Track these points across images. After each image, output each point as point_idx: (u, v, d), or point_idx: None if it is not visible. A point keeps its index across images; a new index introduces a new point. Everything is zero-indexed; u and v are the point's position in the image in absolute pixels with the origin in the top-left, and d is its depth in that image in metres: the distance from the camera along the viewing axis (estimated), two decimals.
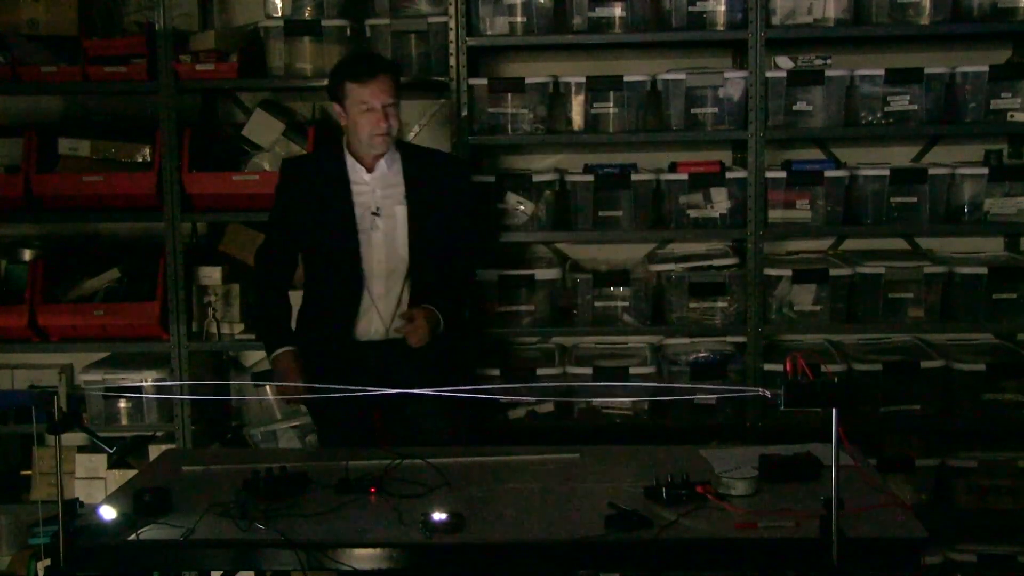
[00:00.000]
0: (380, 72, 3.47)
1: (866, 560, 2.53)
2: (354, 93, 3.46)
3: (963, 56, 4.39)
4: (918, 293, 4.28)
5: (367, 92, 3.45)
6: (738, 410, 4.31)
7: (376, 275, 3.53)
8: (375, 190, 3.54)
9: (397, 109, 3.52)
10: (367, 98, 3.45)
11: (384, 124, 3.46)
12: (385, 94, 3.46)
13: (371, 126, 3.47)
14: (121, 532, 2.63)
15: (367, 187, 3.54)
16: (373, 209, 3.53)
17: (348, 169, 3.55)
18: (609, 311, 4.37)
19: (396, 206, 3.54)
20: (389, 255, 3.54)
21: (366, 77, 3.45)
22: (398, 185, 3.56)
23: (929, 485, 4.31)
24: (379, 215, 3.53)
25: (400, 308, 3.55)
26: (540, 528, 2.65)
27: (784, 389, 2.44)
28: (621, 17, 4.24)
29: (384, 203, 3.54)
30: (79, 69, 4.32)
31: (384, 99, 3.46)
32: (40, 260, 4.48)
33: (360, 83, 3.45)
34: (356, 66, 3.53)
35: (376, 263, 3.53)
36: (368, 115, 3.46)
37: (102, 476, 4.51)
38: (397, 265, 3.54)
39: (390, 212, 3.54)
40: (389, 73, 3.51)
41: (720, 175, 4.31)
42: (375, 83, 3.45)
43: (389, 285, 3.54)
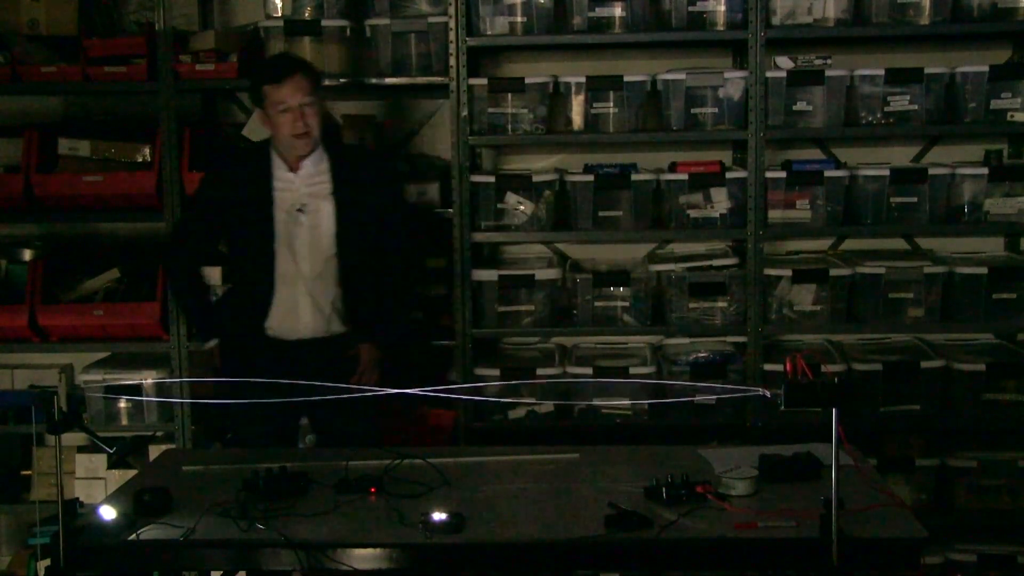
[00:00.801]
0: (295, 72, 3.50)
1: (866, 560, 2.53)
2: (271, 95, 3.49)
3: (963, 56, 4.40)
4: (918, 293, 4.28)
5: (282, 92, 3.47)
6: (738, 410, 4.32)
7: (304, 273, 3.56)
8: (299, 188, 3.56)
9: (316, 108, 3.52)
10: (283, 98, 3.47)
11: (301, 123, 3.48)
12: (301, 93, 3.48)
13: (289, 126, 3.48)
14: (121, 532, 2.63)
15: (291, 185, 3.56)
16: (298, 205, 3.54)
17: (272, 167, 3.57)
18: (609, 311, 4.37)
19: (322, 202, 3.56)
20: (316, 252, 3.56)
21: (281, 77, 3.48)
22: (324, 183, 3.58)
23: (929, 485, 4.31)
24: (304, 212, 3.55)
25: (334, 307, 3.58)
26: (540, 528, 2.65)
27: (784, 389, 2.44)
28: (621, 17, 4.23)
29: (310, 200, 3.56)
30: (79, 69, 4.32)
31: (300, 98, 3.47)
32: (40, 260, 4.47)
33: (275, 84, 3.48)
34: (270, 68, 3.59)
35: (302, 260, 3.55)
36: (285, 115, 3.48)
37: (102, 476, 4.51)
38: (326, 262, 3.57)
39: (315, 208, 3.56)
40: (304, 72, 3.52)
41: (720, 175, 4.31)
42: (290, 83, 3.47)
43: (319, 283, 3.57)
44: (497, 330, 4.41)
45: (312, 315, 3.59)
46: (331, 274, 3.58)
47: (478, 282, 4.34)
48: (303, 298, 3.57)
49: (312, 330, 3.59)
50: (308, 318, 3.58)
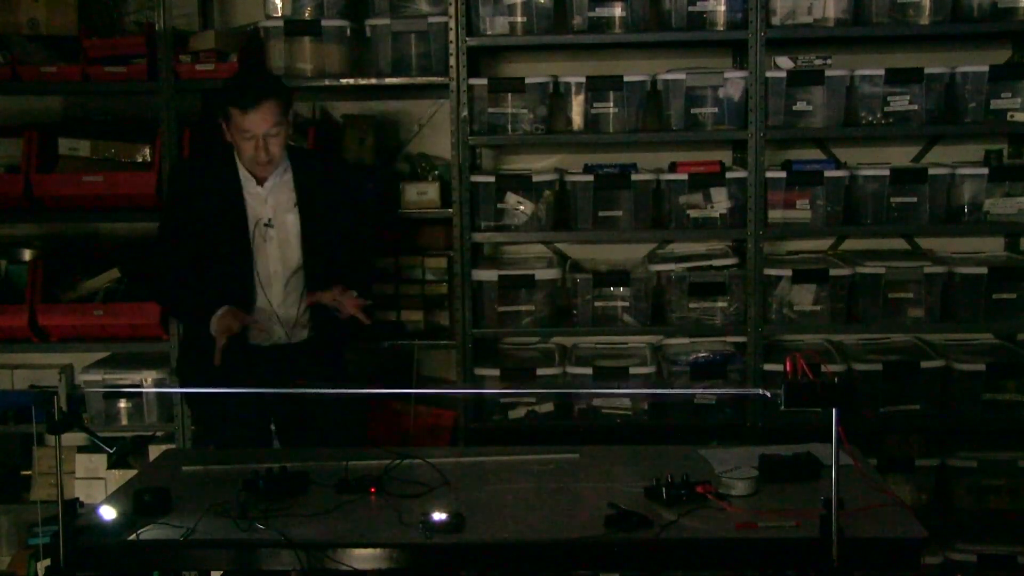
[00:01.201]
0: (263, 100, 3.39)
1: (866, 560, 2.53)
2: (235, 119, 3.40)
3: (963, 56, 4.39)
4: (918, 293, 4.28)
5: (247, 121, 3.38)
6: (738, 410, 4.32)
7: (273, 283, 3.53)
8: (267, 200, 3.52)
9: (281, 136, 3.44)
10: (248, 127, 3.39)
11: (264, 154, 3.41)
12: (267, 123, 3.39)
13: (251, 152, 3.43)
14: (121, 532, 2.63)
15: (259, 198, 3.52)
16: (265, 220, 3.51)
17: (241, 179, 3.52)
18: (609, 311, 4.37)
19: (287, 215, 3.53)
20: (285, 263, 3.54)
21: (247, 106, 3.38)
22: (289, 194, 3.54)
23: (929, 485, 4.31)
24: (271, 225, 3.51)
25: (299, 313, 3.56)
26: (540, 528, 2.65)
27: (784, 389, 2.44)
28: (621, 17, 4.23)
29: (276, 213, 3.52)
30: (79, 69, 4.32)
31: (265, 128, 3.39)
32: (40, 260, 4.47)
33: (241, 110, 3.38)
34: (239, 91, 3.44)
35: (272, 272, 3.53)
36: (248, 142, 3.41)
37: (102, 476, 4.51)
38: (294, 272, 3.55)
39: (281, 221, 3.52)
40: (273, 98, 3.42)
41: (720, 175, 4.31)
42: (256, 112, 3.38)
43: (287, 292, 3.55)
44: (497, 330, 4.41)
45: (281, 324, 3.56)
46: (298, 284, 3.57)
47: (478, 282, 4.34)
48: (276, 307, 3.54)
49: (281, 337, 3.57)
50: (278, 327, 3.56)
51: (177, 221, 3.57)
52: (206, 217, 3.51)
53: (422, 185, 4.38)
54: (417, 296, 4.42)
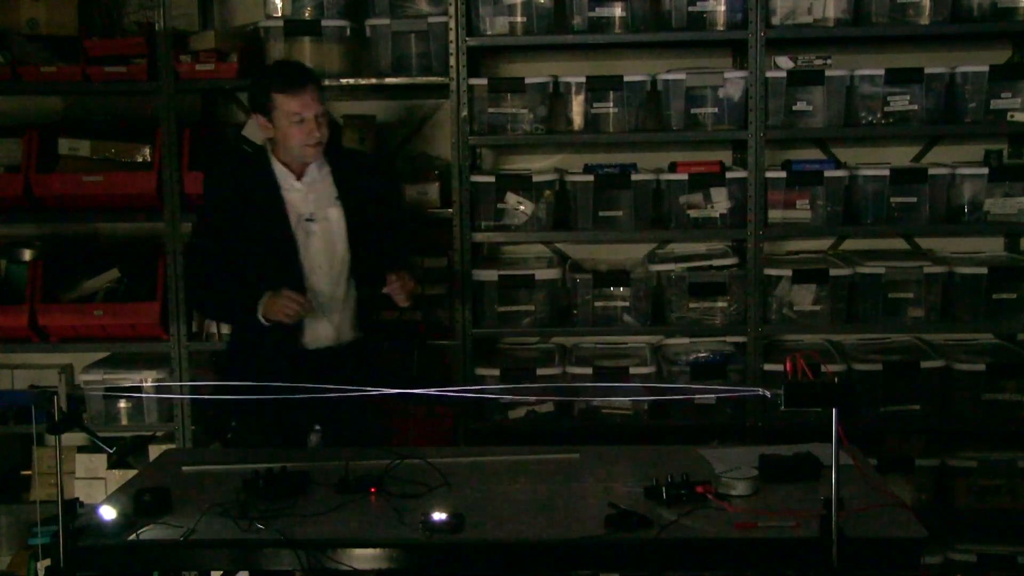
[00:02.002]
0: (309, 82, 3.42)
1: (866, 560, 2.53)
2: (283, 105, 3.38)
3: (963, 56, 4.40)
4: (918, 293, 4.28)
5: (297, 103, 3.37)
6: (738, 410, 4.32)
7: (319, 281, 3.47)
8: (307, 195, 3.48)
9: (327, 118, 3.47)
10: (298, 109, 3.37)
11: (317, 133, 3.40)
12: (316, 103, 3.40)
13: (303, 136, 3.39)
14: (121, 532, 2.63)
15: (299, 193, 3.47)
16: (307, 215, 3.47)
17: (277, 176, 3.47)
18: (609, 311, 4.37)
19: (330, 209, 3.49)
20: (330, 259, 3.49)
21: (296, 88, 3.38)
22: (329, 188, 3.51)
23: (929, 485, 4.31)
24: (313, 220, 3.47)
25: (346, 313, 3.52)
26: (540, 528, 2.65)
27: (784, 389, 2.44)
28: (621, 17, 4.24)
29: (317, 208, 3.48)
30: (79, 69, 4.32)
31: (316, 108, 3.40)
32: (40, 260, 4.47)
33: (289, 94, 3.37)
34: (284, 77, 3.44)
35: (318, 268, 3.48)
36: (300, 126, 3.38)
37: (102, 476, 4.51)
38: (340, 268, 3.51)
39: (324, 216, 3.48)
40: (315, 81, 3.47)
41: (720, 175, 4.31)
42: (305, 94, 3.38)
43: (334, 290, 3.50)
44: (497, 330, 4.41)
45: (328, 324, 3.50)
46: (345, 278, 3.52)
47: (478, 282, 4.34)
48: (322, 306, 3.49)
49: (328, 339, 3.51)
50: (325, 327, 3.50)
51: (216, 230, 3.50)
52: (247, 219, 3.45)
53: (422, 185, 4.38)
54: (417, 296, 4.41)
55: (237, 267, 3.46)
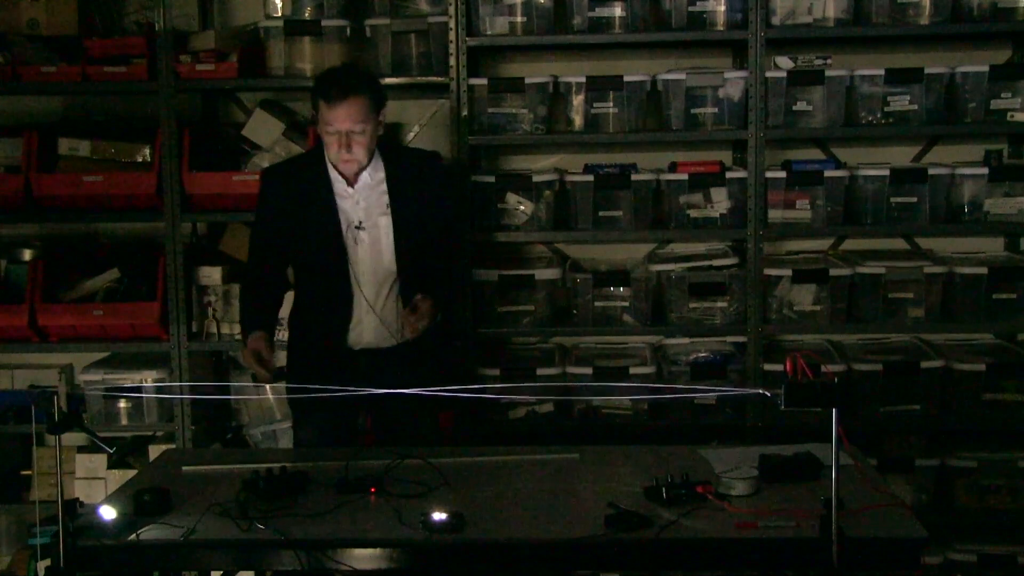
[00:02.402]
0: (350, 95, 3.27)
1: (866, 560, 2.53)
2: (322, 113, 3.31)
3: (963, 56, 4.40)
4: (918, 293, 4.28)
5: (332, 115, 3.29)
6: (738, 410, 4.32)
7: (365, 285, 3.45)
8: (358, 202, 3.43)
9: (367, 135, 3.32)
10: (331, 121, 3.30)
11: (346, 153, 3.32)
12: (351, 120, 3.28)
13: (334, 148, 3.34)
14: (121, 532, 2.63)
15: (351, 199, 3.43)
16: (356, 223, 3.43)
17: (331, 180, 3.43)
18: (609, 311, 4.37)
19: (380, 217, 3.44)
20: (376, 267, 3.46)
21: (333, 100, 3.27)
22: (382, 195, 3.45)
23: (929, 485, 4.31)
24: (362, 228, 3.43)
25: (394, 314, 3.49)
26: (540, 528, 2.65)
27: (784, 389, 2.44)
28: (621, 17, 4.23)
29: (367, 215, 3.43)
30: (79, 69, 4.32)
31: (349, 125, 3.29)
32: (40, 260, 4.47)
33: (327, 103, 3.29)
34: (328, 84, 3.33)
35: (363, 275, 3.45)
36: (332, 138, 3.32)
37: (102, 476, 4.51)
38: (385, 275, 3.48)
39: (373, 223, 3.44)
40: (362, 95, 3.30)
41: (720, 175, 4.31)
42: (342, 107, 3.27)
43: (380, 293, 3.48)
44: (497, 330, 4.41)
45: (374, 329, 3.48)
46: (391, 288, 3.49)
47: (478, 282, 4.34)
48: (366, 314, 3.47)
49: (374, 342, 3.49)
50: (371, 333, 3.48)
51: (270, 229, 3.49)
52: (299, 222, 3.42)
53: None
54: None
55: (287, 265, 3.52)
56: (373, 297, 3.47)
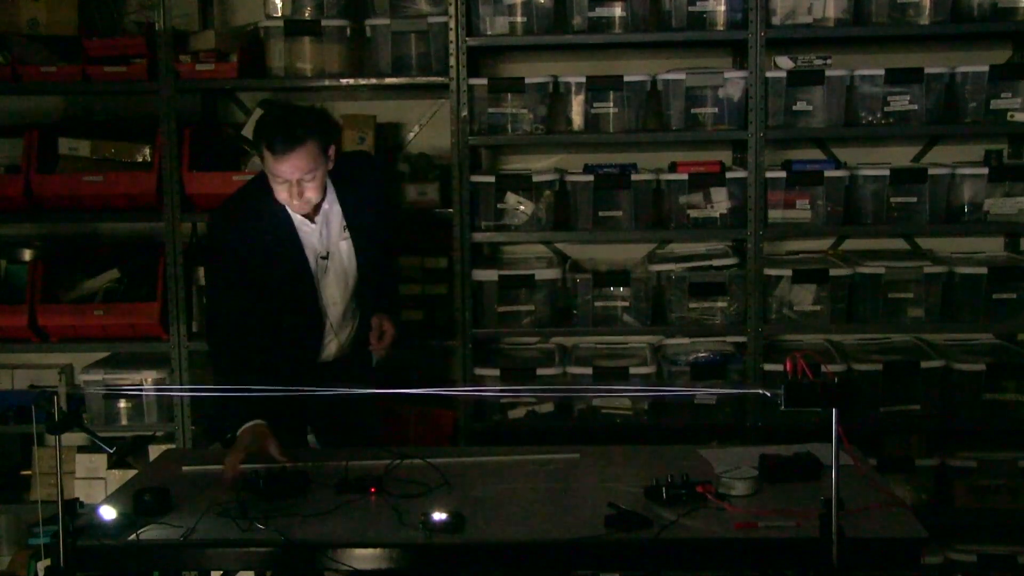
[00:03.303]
0: (296, 146, 3.11)
1: (866, 560, 2.53)
2: (268, 163, 3.16)
3: (963, 56, 4.40)
4: (918, 293, 4.28)
5: (279, 168, 3.14)
6: (738, 410, 4.32)
7: (332, 309, 3.44)
8: (320, 232, 3.35)
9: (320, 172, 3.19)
10: (279, 173, 3.15)
11: (295, 202, 3.20)
12: (300, 170, 3.14)
13: (285, 196, 3.21)
14: (121, 532, 2.63)
15: (314, 233, 3.34)
16: (322, 254, 3.37)
17: (291, 214, 3.30)
18: (609, 311, 4.37)
19: (341, 242, 3.39)
20: (343, 291, 3.44)
21: (278, 153, 3.11)
22: (339, 221, 3.38)
23: (929, 485, 4.31)
24: (327, 258, 3.38)
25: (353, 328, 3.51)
26: (540, 528, 2.65)
27: (784, 389, 2.44)
28: (621, 17, 4.23)
29: (330, 244, 3.38)
30: (79, 69, 4.32)
31: (298, 175, 3.15)
32: (40, 260, 4.48)
33: (273, 157, 3.13)
34: (272, 136, 3.14)
35: (332, 302, 3.43)
36: (281, 187, 3.19)
37: (102, 476, 4.51)
38: (350, 294, 3.46)
39: (336, 250, 3.39)
40: (309, 142, 3.13)
41: (720, 175, 4.31)
42: (289, 159, 3.12)
43: (345, 312, 3.48)
44: (497, 330, 4.41)
45: (339, 345, 3.51)
46: (352, 305, 3.49)
47: (478, 282, 4.34)
48: (334, 334, 3.48)
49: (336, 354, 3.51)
50: (333, 348, 3.50)
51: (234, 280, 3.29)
52: (265, 264, 3.30)
53: (422, 185, 4.38)
54: (417, 296, 4.42)
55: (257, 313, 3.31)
56: (339, 318, 3.47)
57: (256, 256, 3.29)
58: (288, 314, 3.40)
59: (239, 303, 3.29)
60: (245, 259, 3.28)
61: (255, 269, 3.29)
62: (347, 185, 3.40)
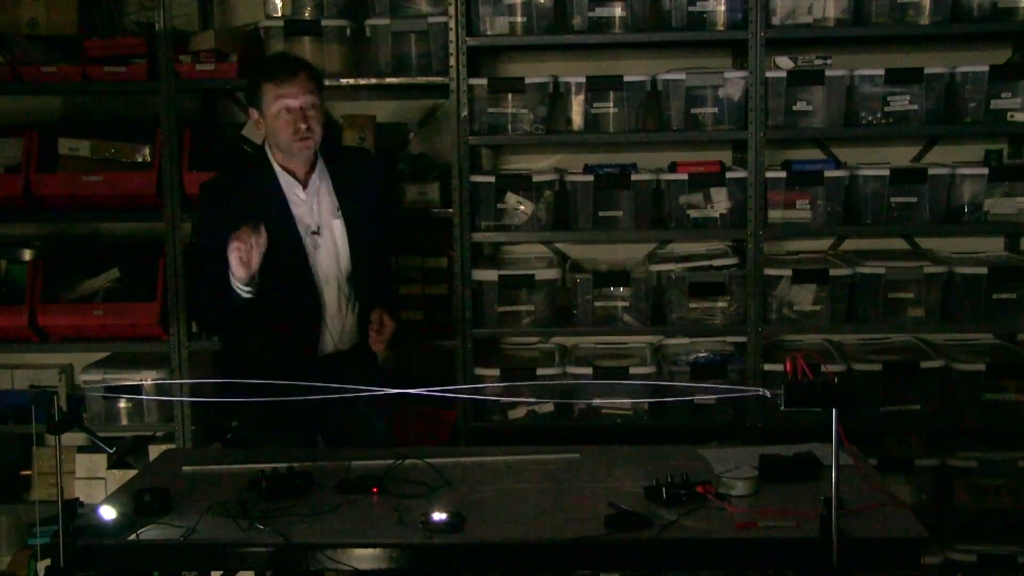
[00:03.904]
0: (299, 70, 3.24)
1: (866, 560, 2.53)
2: (271, 94, 3.22)
3: (963, 56, 4.40)
4: (918, 293, 4.28)
5: (285, 91, 3.21)
6: (738, 410, 4.32)
7: (328, 291, 3.40)
8: (312, 207, 3.35)
9: (319, 112, 3.29)
10: (284, 95, 3.21)
11: (303, 126, 3.23)
12: (306, 94, 3.23)
13: (291, 128, 3.23)
14: (121, 532, 2.63)
15: (305, 205, 3.35)
16: (314, 228, 3.36)
17: (283, 186, 3.33)
18: (609, 311, 4.37)
19: (333, 220, 3.39)
20: (337, 271, 3.41)
21: (282, 76, 3.21)
22: (331, 198, 3.39)
23: (929, 485, 4.31)
24: (319, 233, 3.36)
25: (349, 319, 3.47)
26: (540, 528, 2.65)
27: (784, 389, 2.44)
28: (621, 17, 4.24)
29: (322, 219, 3.37)
30: (79, 69, 4.32)
31: (304, 99, 3.23)
32: (40, 260, 4.48)
33: (277, 82, 3.21)
34: (272, 65, 3.29)
35: (325, 280, 3.39)
36: (287, 117, 3.22)
37: (102, 476, 4.51)
38: (344, 279, 3.43)
39: (328, 227, 3.38)
40: (309, 71, 3.28)
41: (720, 175, 4.31)
42: (295, 82, 3.20)
43: (340, 298, 3.44)
44: (497, 330, 4.41)
45: (339, 334, 3.46)
46: (348, 289, 3.47)
47: (478, 282, 4.34)
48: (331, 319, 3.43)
49: (332, 346, 3.46)
50: (336, 337, 3.45)
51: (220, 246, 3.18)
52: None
53: (422, 185, 4.38)
54: (417, 296, 4.42)
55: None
56: (335, 302, 3.44)
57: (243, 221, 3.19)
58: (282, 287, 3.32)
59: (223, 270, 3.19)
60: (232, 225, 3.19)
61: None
62: (340, 168, 3.45)
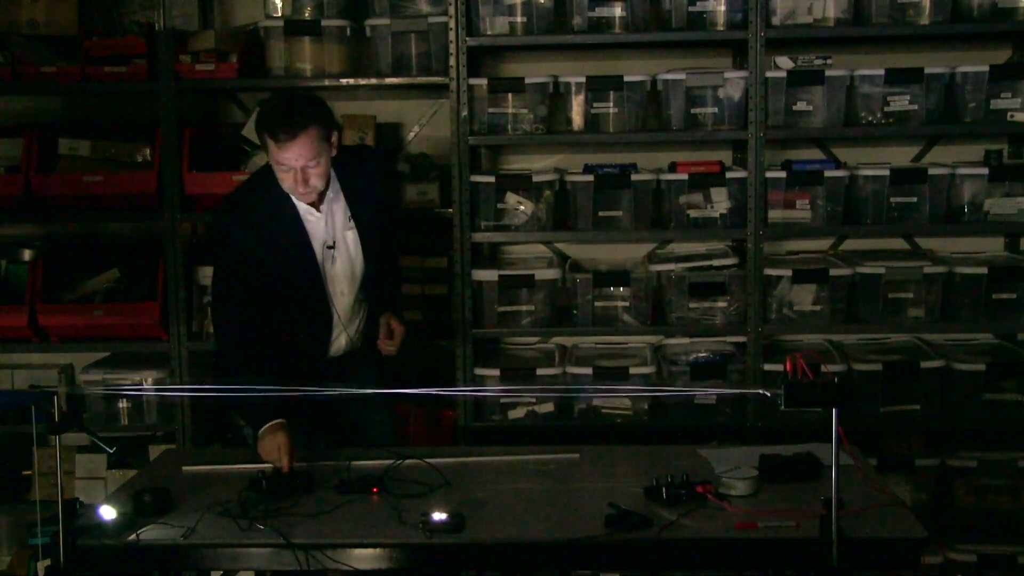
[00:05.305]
0: (299, 133, 3.10)
1: (866, 560, 2.53)
2: (272, 148, 3.14)
3: (963, 56, 4.40)
4: (918, 293, 4.28)
5: (283, 155, 3.12)
6: (738, 410, 4.32)
7: (340, 301, 3.41)
8: (325, 221, 3.33)
9: (322, 165, 3.17)
10: (283, 160, 3.14)
11: (301, 188, 3.18)
12: (304, 157, 3.12)
13: (289, 184, 3.19)
14: (121, 532, 2.64)
15: (319, 222, 3.32)
16: (329, 243, 3.35)
17: (295, 204, 3.28)
18: (609, 311, 4.37)
19: (347, 232, 3.38)
20: (351, 281, 3.41)
21: (282, 140, 3.10)
22: (344, 210, 3.37)
23: (929, 485, 4.31)
24: (334, 247, 3.35)
25: (361, 321, 3.49)
26: (540, 528, 2.65)
27: (784, 389, 2.44)
28: (621, 17, 4.23)
29: (336, 233, 3.36)
30: (79, 69, 4.32)
31: (302, 162, 3.13)
32: (40, 260, 4.48)
33: (276, 144, 3.12)
34: (275, 121, 3.14)
35: (339, 293, 3.40)
36: (287, 174, 3.17)
37: (102, 476, 4.51)
38: (358, 286, 3.44)
39: (342, 239, 3.37)
40: (311, 127, 3.12)
41: (720, 175, 4.31)
42: (293, 146, 3.10)
43: (352, 304, 3.45)
44: (497, 330, 4.41)
45: (348, 338, 3.47)
46: (359, 298, 3.47)
47: (478, 282, 4.34)
48: (338, 326, 3.44)
49: (345, 348, 3.48)
50: (342, 342, 3.46)
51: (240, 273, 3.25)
52: (271, 256, 3.26)
53: (422, 185, 4.38)
54: (417, 296, 4.42)
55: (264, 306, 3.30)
56: (347, 310, 3.45)
57: (262, 247, 3.26)
58: (296, 306, 3.38)
59: (246, 296, 3.26)
60: (251, 251, 3.24)
61: (261, 260, 3.27)
62: (350, 176, 3.40)
